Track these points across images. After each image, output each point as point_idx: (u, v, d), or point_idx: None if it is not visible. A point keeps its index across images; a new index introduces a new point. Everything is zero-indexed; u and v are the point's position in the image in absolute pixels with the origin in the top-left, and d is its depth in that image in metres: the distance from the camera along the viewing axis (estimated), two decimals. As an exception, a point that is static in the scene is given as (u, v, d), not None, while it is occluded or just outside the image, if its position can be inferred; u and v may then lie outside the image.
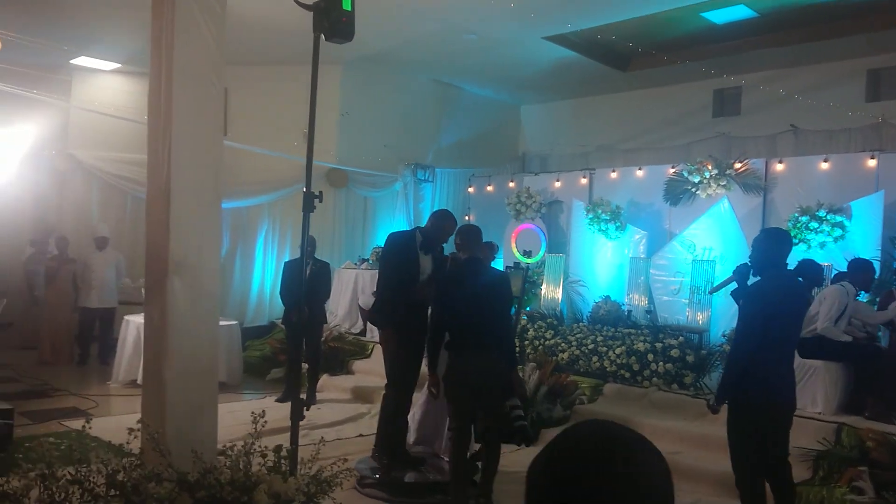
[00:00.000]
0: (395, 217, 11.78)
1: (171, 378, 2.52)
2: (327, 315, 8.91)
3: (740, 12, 8.99)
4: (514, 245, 10.22)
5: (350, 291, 10.15)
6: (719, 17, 9.17)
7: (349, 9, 2.83)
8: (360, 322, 9.96)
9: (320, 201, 2.97)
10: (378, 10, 8.50)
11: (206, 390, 2.66)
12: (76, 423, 6.19)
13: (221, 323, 8.66)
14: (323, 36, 2.86)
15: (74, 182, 11.07)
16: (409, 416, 5.49)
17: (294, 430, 2.89)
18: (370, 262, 10.43)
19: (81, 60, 10.53)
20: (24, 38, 8.58)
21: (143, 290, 3.42)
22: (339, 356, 8.84)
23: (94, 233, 9.64)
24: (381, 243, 11.14)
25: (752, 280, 4.22)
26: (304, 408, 2.96)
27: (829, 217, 7.68)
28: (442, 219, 5.41)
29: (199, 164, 2.59)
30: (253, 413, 2.74)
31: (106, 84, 11.09)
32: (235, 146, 10.37)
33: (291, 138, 9.91)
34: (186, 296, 2.55)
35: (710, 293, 5.21)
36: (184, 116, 2.49)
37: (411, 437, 5.53)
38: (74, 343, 9.48)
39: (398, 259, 5.31)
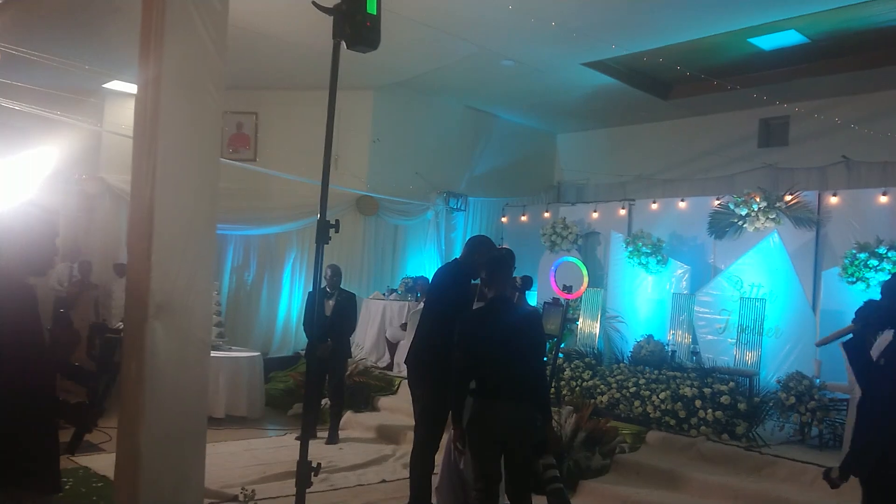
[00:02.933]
0: (426, 246, 11.45)
1: (148, 443, 2.13)
2: (353, 348, 8.56)
3: (791, 38, 8.59)
4: (553, 279, 9.78)
5: (378, 323, 9.80)
6: (768, 42, 8.77)
7: (374, 12, 2.50)
8: (388, 356, 9.59)
9: (336, 231, 2.63)
10: (412, 34, 8.29)
11: (190, 456, 2.25)
12: (85, 459, 5.89)
13: (244, 354, 8.42)
14: (344, 44, 2.55)
15: (103, 206, 10.96)
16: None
17: (300, 500, 2.47)
18: (399, 292, 10.08)
19: (114, 84, 10.45)
20: (57, 60, 8.48)
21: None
22: (365, 392, 8.44)
23: (115, 259, 9.45)
24: (411, 273, 10.88)
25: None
26: (313, 473, 2.56)
27: (889, 254, 7.15)
28: (484, 248, 4.75)
29: (190, 187, 2.21)
30: (243, 490, 2.34)
31: (137, 108, 11.00)
32: (265, 172, 10.21)
33: (321, 164, 9.66)
34: (170, 345, 2.16)
35: (818, 345, 4.54)
36: (173, 131, 2.13)
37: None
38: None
39: (464, 302, 4.64)
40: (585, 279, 8.80)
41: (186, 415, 2.22)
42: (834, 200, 8.16)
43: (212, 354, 7.87)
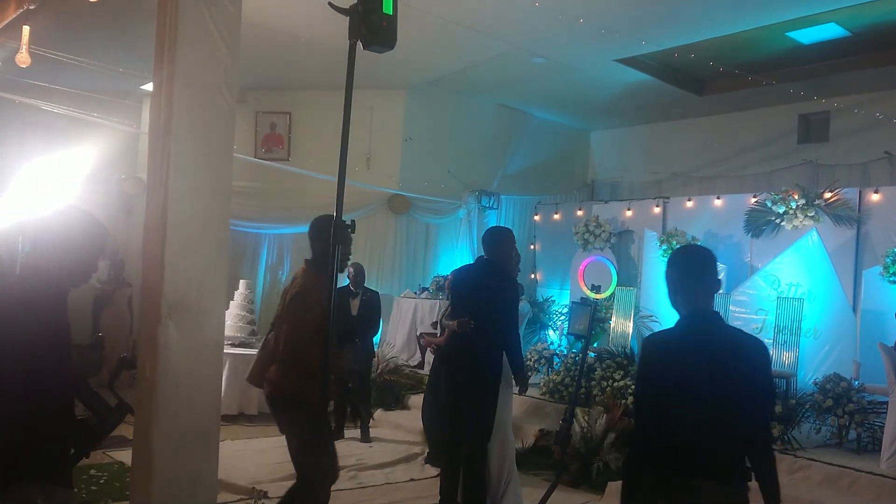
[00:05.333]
0: (458, 245, 11.44)
1: (161, 441, 2.16)
2: (384, 346, 8.60)
3: (831, 31, 8.36)
4: (581, 279, 9.71)
5: (409, 321, 9.82)
6: (807, 36, 8.55)
7: (390, 13, 2.51)
8: (419, 354, 9.60)
9: (352, 231, 2.64)
10: (444, 33, 8.29)
11: (203, 456, 2.27)
12: (120, 455, 6.01)
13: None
14: (361, 44, 2.56)
15: (141, 206, 11.15)
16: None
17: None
18: (430, 291, 10.09)
19: (151, 86, 10.64)
20: (91, 63, 8.67)
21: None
22: (395, 390, 8.47)
23: None
24: (443, 272, 10.87)
25: None
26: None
27: (933, 253, 6.94)
28: (510, 238, 4.84)
29: (204, 189, 2.24)
30: (254, 489, 2.36)
31: (174, 109, 11.18)
32: (298, 171, 10.31)
33: (353, 163, 9.72)
34: (183, 344, 2.18)
35: None
36: (186, 132, 2.16)
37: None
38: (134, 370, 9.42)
39: (515, 306, 4.84)
40: (613, 281, 8.72)
41: (200, 414, 2.25)
42: (875, 197, 7.95)
43: (245, 352, 8.03)
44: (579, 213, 10.88)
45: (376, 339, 8.32)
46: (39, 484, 2.21)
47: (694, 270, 2.62)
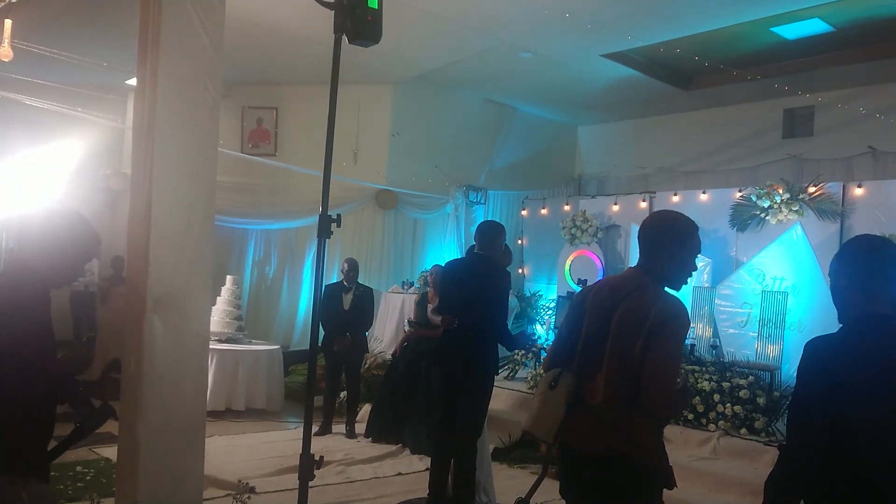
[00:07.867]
0: (446, 240, 11.45)
1: (147, 436, 2.16)
2: (372, 341, 8.60)
3: (815, 27, 8.42)
4: (567, 272, 9.75)
5: (397, 316, 9.81)
6: (791, 31, 8.61)
7: (376, 6, 2.51)
8: (407, 349, 9.61)
9: (338, 226, 2.64)
10: (431, 28, 8.29)
11: (189, 450, 2.27)
12: (107, 451, 5.99)
13: (264, 347, 8.50)
14: (346, 39, 2.56)
15: (127, 201, 11.09)
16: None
17: (302, 494, 2.50)
18: (417, 286, 10.09)
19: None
20: (79, 58, 8.61)
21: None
22: (383, 385, 8.46)
23: None
24: (430, 267, 10.88)
25: None
26: (316, 466, 2.59)
27: (915, 246, 7.01)
28: (503, 232, 4.92)
29: (188, 183, 2.24)
30: (240, 482, 2.36)
31: (160, 104, 11.10)
32: (285, 167, 10.28)
33: (340, 159, 9.71)
34: (169, 339, 2.18)
35: None
36: (170, 127, 2.16)
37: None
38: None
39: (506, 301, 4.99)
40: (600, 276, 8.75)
41: (185, 408, 2.25)
42: (859, 192, 8.02)
43: (232, 348, 8.02)
44: (566, 207, 10.91)
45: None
46: (15, 476, 2.23)
47: (870, 266, 2.16)
